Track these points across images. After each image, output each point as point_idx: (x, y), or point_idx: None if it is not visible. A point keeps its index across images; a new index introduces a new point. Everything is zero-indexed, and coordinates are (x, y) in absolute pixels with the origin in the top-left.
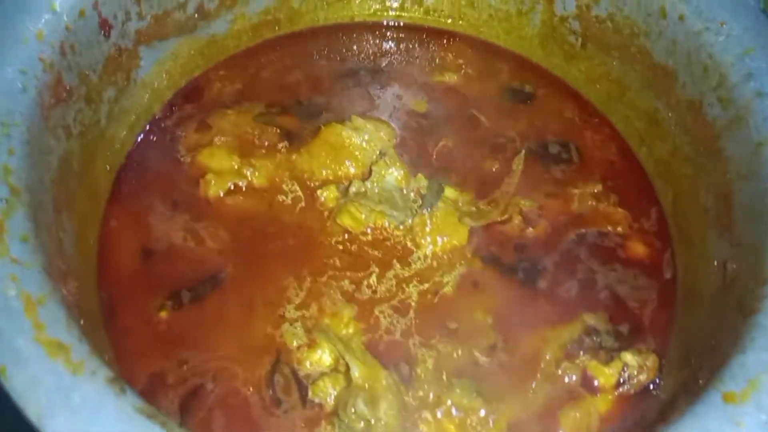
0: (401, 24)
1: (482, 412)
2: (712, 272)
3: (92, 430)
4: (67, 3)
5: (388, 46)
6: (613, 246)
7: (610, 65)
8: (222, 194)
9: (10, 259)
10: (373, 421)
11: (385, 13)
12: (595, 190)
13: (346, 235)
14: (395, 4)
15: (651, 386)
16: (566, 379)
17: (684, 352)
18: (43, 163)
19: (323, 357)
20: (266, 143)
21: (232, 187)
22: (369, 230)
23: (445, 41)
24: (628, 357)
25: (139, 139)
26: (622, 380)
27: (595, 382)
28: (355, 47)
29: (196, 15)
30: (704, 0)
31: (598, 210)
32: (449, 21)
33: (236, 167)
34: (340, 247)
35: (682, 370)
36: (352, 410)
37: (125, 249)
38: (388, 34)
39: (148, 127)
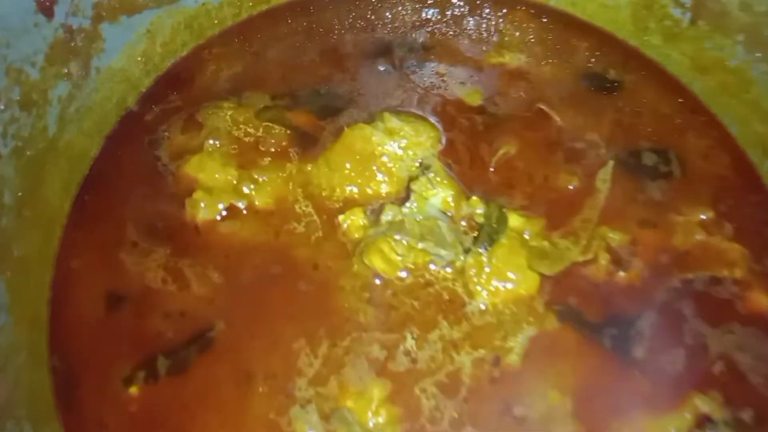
0: None
1: None
2: None
3: None
4: None
5: (430, 15)
6: (728, 297)
7: (729, 51)
8: (216, 219)
9: None
10: None
11: None
12: (704, 217)
13: (377, 280)
14: None
15: None
16: None
17: None
18: None
19: None
20: (273, 149)
21: (226, 211)
22: (406, 274)
23: (505, 10)
24: None
25: (106, 145)
26: None
27: None
28: (387, 15)
29: None
30: None
31: (709, 245)
32: None
33: (234, 182)
34: (367, 295)
35: None
36: None
37: (86, 296)
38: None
39: (118, 128)
